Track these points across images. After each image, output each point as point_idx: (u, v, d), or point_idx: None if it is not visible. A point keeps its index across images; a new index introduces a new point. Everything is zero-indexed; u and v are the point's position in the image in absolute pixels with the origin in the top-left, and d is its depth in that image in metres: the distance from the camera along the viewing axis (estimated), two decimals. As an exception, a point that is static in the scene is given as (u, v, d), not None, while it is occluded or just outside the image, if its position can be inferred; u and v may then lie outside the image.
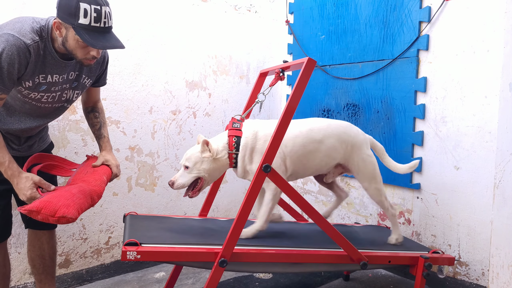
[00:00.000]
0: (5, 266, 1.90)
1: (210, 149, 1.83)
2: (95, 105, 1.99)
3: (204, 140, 1.82)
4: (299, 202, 1.79)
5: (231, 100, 3.14)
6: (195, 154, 1.84)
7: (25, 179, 1.58)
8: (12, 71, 1.50)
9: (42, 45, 1.57)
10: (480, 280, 2.30)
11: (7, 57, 1.47)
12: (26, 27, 1.53)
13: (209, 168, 1.84)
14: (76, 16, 1.48)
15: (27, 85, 1.60)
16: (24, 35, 1.51)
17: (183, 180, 1.83)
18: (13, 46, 1.48)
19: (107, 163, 1.88)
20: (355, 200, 2.91)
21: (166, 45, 2.74)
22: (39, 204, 1.50)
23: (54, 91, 1.69)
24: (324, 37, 3.03)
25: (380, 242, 2.18)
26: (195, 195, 1.87)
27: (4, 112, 1.67)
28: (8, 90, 1.53)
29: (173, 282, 2.25)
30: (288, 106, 1.66)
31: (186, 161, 1.84)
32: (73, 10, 1.47)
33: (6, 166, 1.56)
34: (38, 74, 1.59)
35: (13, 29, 1.51)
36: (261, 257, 1.76)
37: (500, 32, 2.14)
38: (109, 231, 2.59)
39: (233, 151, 1.85)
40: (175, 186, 1.83)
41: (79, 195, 1.60)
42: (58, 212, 1.49)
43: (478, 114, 2.26)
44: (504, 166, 1.77)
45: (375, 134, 2.72)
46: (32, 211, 1.50)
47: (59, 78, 1.67)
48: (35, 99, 1.67)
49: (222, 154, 1.85)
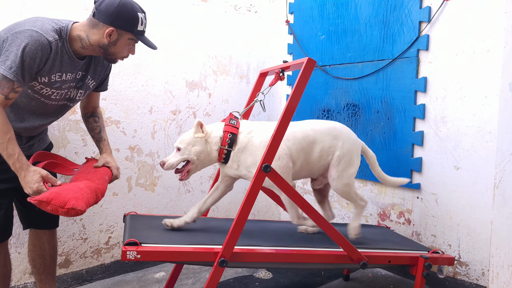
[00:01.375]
0: (6, 266, 1.90)
1: (203, 130, 1.87)
2: (94, 110, 2.02)
3: (198, 121, 1.87)
4: (299, 202, 1.79)
5: (231, 100, 3.14)
6: (189, 136, 1.89)
7: (32, 172, 1.60)
8: (32, 65, 1.55)
9: (60, 44, 1.63)
10: (480, 280, 2.30)
11: (29, 52, 1.52)
12: (47, 26, 1.60)
13: (200, 150, 1.87)
14: (135, 25, 1.68)
15: (43, 81, 1.64)
16: (46, 32, 1.58)
17: (173, 160, 1.87)
18: (37, 41, 1.54)
19: (108, 165, 1.92)
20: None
21: (166, 45, 2.74)
22: (49, 195, 1.53)
23: (63, 88, 1.74)
24: (324, 37, 3.03)
25: (380, 242, 2.18)
26: (184, 177, 1.90)
27: (9, 109, 1.68)
28: (25, 84, 1.58)
29: (173, 282, 2.25)
30: (288, 106, 1.66)
31: (179, 143, 1.89)
32: (134, 20, 1.67)
33: (15, 159, 1.58)
34: (55, 72, 1.65)
35: (35, 26, 1.57)
36: (261, 257, 1.76)
37: (500, 32, 2.14)
38: (109, 231, 2.59)
39: (226, 147, 1.86)
40: (165, 166, 1.87)
41: (86, 190, 1.63)
42: (68, 204, 1.52)
43: (478, 114, 2.26)
44: (504, 166, 1.77)
45: (375, 134, 2.72)
46: (42, 202, 1.53)
47: (70, 76, 1.72)
48: (45, 95, 1.70)
49: (213, 141, 1.88)
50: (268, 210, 3.47)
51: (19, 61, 1.51)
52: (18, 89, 1.57)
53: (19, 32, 1.53)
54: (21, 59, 1.51)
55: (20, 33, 1.53)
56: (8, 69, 1.50)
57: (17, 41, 1.52)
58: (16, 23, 1.61)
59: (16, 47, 1.51)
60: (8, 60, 1.51)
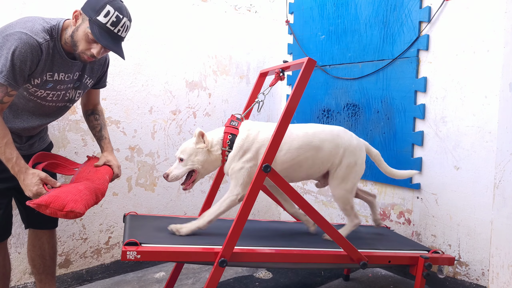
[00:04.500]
0: (5, 266, 1.90)
1: (204, 140, 1.85)
2: (95, 107, 2.01)
3: (199, 131, 1.84)
4: (299, 202, 1.79)
5: (231, 100, 3.14)
6: (190, 146, 1.87)
7: (31, 175, 1.60)
8: (24, 68, 1.54)
9: (51, 44, 1.61)
10: (480, 280, 2.30)
11: (20, 55, 1.51)
12: (37, 26, 1.57)
13: (203, 160, 1.86)
14: (98, 13, 1.56)
15: (36, 83, 1.63)
16: (36, 33, 1.55)
17: (177, 172, 1.85)
18: (26, 44, 1.52)
19: (109, 163, 1.91)
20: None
21: (166, 45, 2.74)
22: (47, 199, 1.53)
23: (59, 90, 1.72)
24: (324, 37, 3.03)
25: (380, 242, 2.18)
26: (189, 187, 1.89)
27: (7, 110, 1.68)
28: (19, 87, 1.57)
29: (173, 282, 2.25)
30: (288, 106, 1.66)
31: (180, 153, 1.87)
32: (98, 7, 1.56)
33: (13, 162, 1.58)
34: (46, 72, 1.63)
35: (25, 27, 1.55)
36: (261, 257, 1.76)
37: (500, 32, 2.14)
38: (109, 231, 2.59)
39: (226, 148, 1.86)
40: (169, 178, 1.85)
41: (85, 192, 1.63)
42: (67, 207, 1.52)
43: (478, 114, 2.26)
44: (504, 166, 1.77)
45: (375, 134, 2.72)
46: (41, 205, 1.53)
47: (64, 77, 1.71)
48: (41, 97, 1.69)
49: (215, 148, 1.87)
50: (268, 210, 3.47)
51: (9, 65, 1.50)
52: (12, 93, 1.55)
53: (9, 35, 1.52)
54: (12, 62, 1.50)
55: (10, 35, 1.51)
56: None
57: (7, 44, 1.50)
58: (8, 25, 1.59)
59: (6, 51, 1.50)
60: None
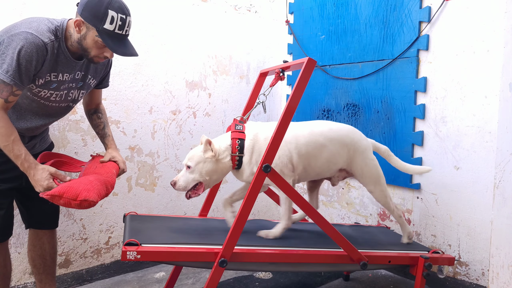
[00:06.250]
0: (6, 266, 1.90)
1: (212, 149, 1.83)
2: (97, 106, 2.02)
3: (207, 139, 1.83)
4: (299, 202, 1.79)
5: (231, 100, 3.14)
6: (198, 154, 1.85)
7: (41, 170, 1.61)
8: (29, 68, 1.54)
9: (56, 44, 1.62)
10: (480, 280, 2.30)
11: (25, 54, 1.52)
12: (42, 27, 1.58)
13: (211, 169, 1.84)
14: (103, 21, 1.56)
15: (40, 83, 1.64)
16: (41, 33, 1.56)
17: (184, 183, 1.85)
18: (32, 43, 1.53)
19: (114, 159, 1.92)
20: (355, 200, 2.91)
21: (166, 45, 2.74)
22: (60, 189, 1.54)
23: (62, 90, 1.73)
24: (324, 37, 3.03)
25: (380, 242, 2.18)
26: (194, 195, 1.89)
27: (11, 110, 1.69)
28: (24, 87, 1.58)
29: (173, 282, 2.25)
30: (288, 106, 1.66)
31: (188, 160, 1.85)
32: (101, 15, 1.56)
33: (22, 159, 1.59)
34: (50, 72, 1.64)
35: (30, 27, 1.56)
36: (261, 257, 1.76)
37: (500, 32, 2.14)
38: (109, 231, 2.59)
39: (236, 153, 1.85)
40: (176, 187, 1.85)
41: (96, 182, 1.64)
42: (80, 196, 1.53)
43: (478, 114, 2.26)
44: (504, 166, 1.77)
45: (375, 134, 2.72)
46: (55, 196, 1.54)
47: (68, 77, 1.71)
48: (44, 98, 1.70)
49: (224, 156, 1.86)
50: (268, 210, 3.47)
51: (15, 65, 1.50)
52: (17, 92, 1.56)
53: (14, 35, 1.53)
54: (17, 62, 1.51)
55: (16, 35, 1.52)
56: (5, 73, 1.50)
57: (13, 44, 1.51)
58: (13, 25, 1.60)
59: (12, 50, 1.51)
60: (5, 64, 1.51)
